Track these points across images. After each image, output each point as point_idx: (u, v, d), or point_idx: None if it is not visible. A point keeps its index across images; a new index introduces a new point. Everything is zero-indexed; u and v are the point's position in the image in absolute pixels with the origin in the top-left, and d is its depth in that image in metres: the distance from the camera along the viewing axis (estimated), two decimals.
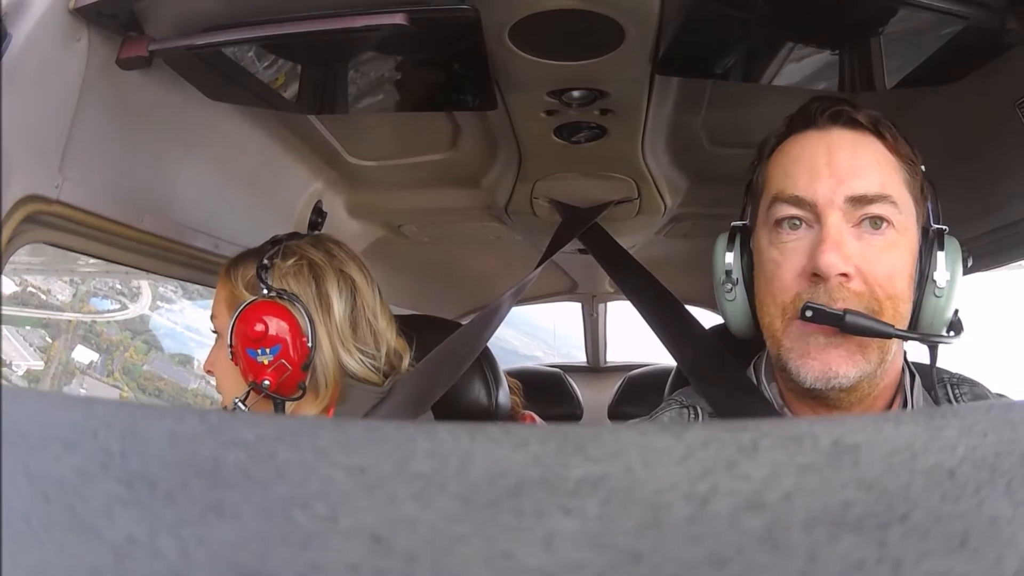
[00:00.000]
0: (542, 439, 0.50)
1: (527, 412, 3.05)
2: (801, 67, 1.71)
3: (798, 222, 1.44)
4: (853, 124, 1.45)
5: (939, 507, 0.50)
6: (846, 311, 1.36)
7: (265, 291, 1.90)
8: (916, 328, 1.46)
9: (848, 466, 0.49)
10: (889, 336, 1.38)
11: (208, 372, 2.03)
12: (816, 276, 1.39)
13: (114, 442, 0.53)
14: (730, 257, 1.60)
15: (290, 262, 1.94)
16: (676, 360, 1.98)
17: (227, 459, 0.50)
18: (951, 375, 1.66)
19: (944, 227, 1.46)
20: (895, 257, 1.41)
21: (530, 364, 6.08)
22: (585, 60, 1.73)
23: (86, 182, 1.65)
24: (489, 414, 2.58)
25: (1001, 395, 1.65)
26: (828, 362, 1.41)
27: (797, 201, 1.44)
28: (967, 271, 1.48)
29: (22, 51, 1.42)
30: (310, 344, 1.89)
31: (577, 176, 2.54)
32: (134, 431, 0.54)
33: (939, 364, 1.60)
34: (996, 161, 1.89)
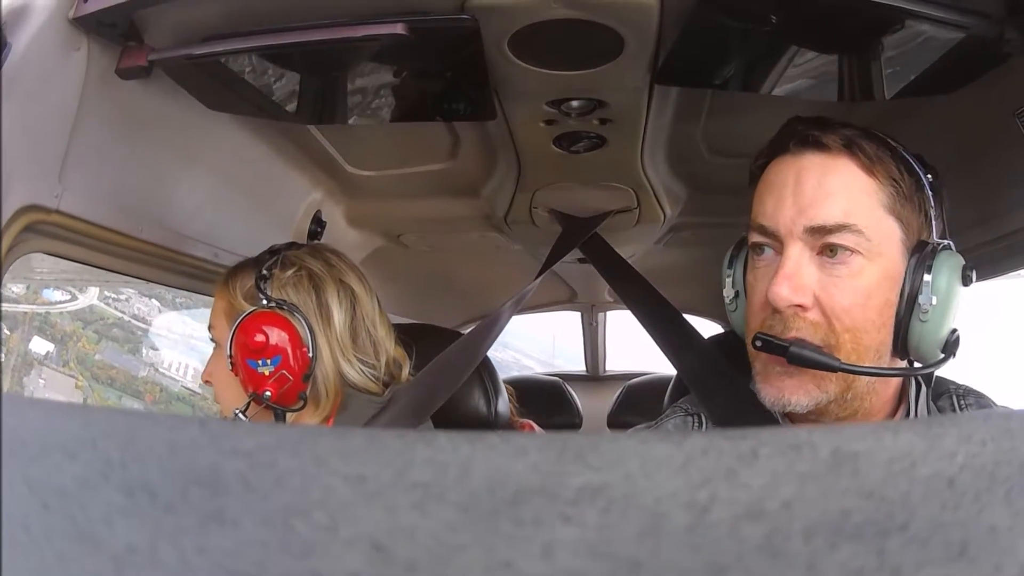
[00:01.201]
0: (541, 447, 0.50)
1: (525, 420, 3.05)
2: (800, 77, 1.71)
3: (768, 249, 1.47)
4: (823, 148, 1.44)
5: (938, 516, 0.50)
6: (791, 343, 1.39)
7: (264, 301, 1.89)
8: (905, 352, 1.46)
9: (847, 475, 0.49)
10: (832, 370, 1.40)
11: (206, 382, 2.03)
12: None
13: (114, 451, 0.53)
14: (731, 270, 1.62)
15: (289, 272, 1.94)
16: (677, 369, 1.99)
17: (227, 468, 0.50)
18: (957, 386, 1.66)
19: (941, 242, 1.45)
20: (858, 286, 1.40)
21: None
22: (584, 70, 1.73)
23: (85, 192, 1.65)
24: (488, 423, 2.59)
25: (1006, 408, 1.65)
26: (782, 389, 1.45)
27: (762, 230, 1.46)
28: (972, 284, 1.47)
29: (22, 60, 1.43)
30: (311, 354, 1.89)
31: (576, 186, 2.54)
32: (134, 440, 0.54)
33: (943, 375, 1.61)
34: (995, 171, 1.89)
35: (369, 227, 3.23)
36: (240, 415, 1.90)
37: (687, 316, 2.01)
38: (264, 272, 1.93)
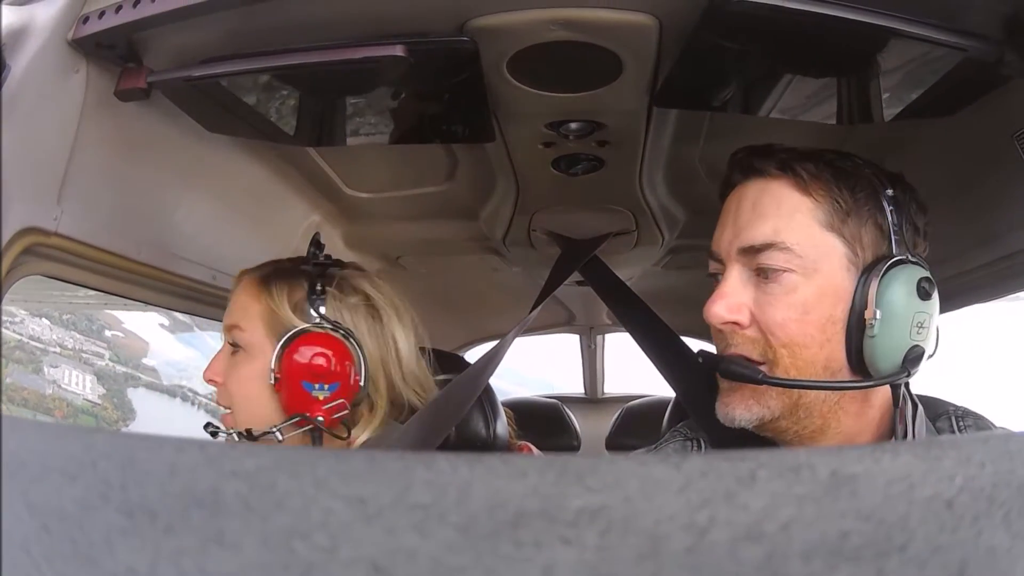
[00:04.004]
0: (541, 469, 0.50)
1: (524, 443, 3.03)
2: (799, 99, 1.72)
3: (719, 274, 1.52)
4: (762, 173, 1.48)
5: (937, 537, 0.50)
6: (723, 358, 1.47)
7: (319, 321, 1.86)
8: (863, 368, 1.43)
9: (846, 496, 0.49)
10: (757, 383, 1.43)
11: (212, 382, 1.95)
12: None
13: (114, 473, 0.53)
14: None
15: (353, 299, 1.90)
16: (675, 392, 2.00)
17: (227, 489, 0.50)
18: (956, 408, 1.65)
19: (899, 256, 1.43)
20: (793, 302, 1.42)
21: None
22: (583, 92, 1.73)
23: (84, 214, 1.65)
24: (487, 445, 2.58)
25: (1005, 430, 1.65)
26: (727, 404, 1.49)
27: (711, 255, 1.54)
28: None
29: (20, 82, 1.42)
30: (362, 383, 1.86)
31: (575, 208, 2.54)
32: (134, 462, 0.54)
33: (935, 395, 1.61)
34: (994, 193, 1.89)
35: (367, 250, 3.23)
36: (276, 434, 1.85)
37: (687, 339, 2.01)
38: (319, 288, 1.89)
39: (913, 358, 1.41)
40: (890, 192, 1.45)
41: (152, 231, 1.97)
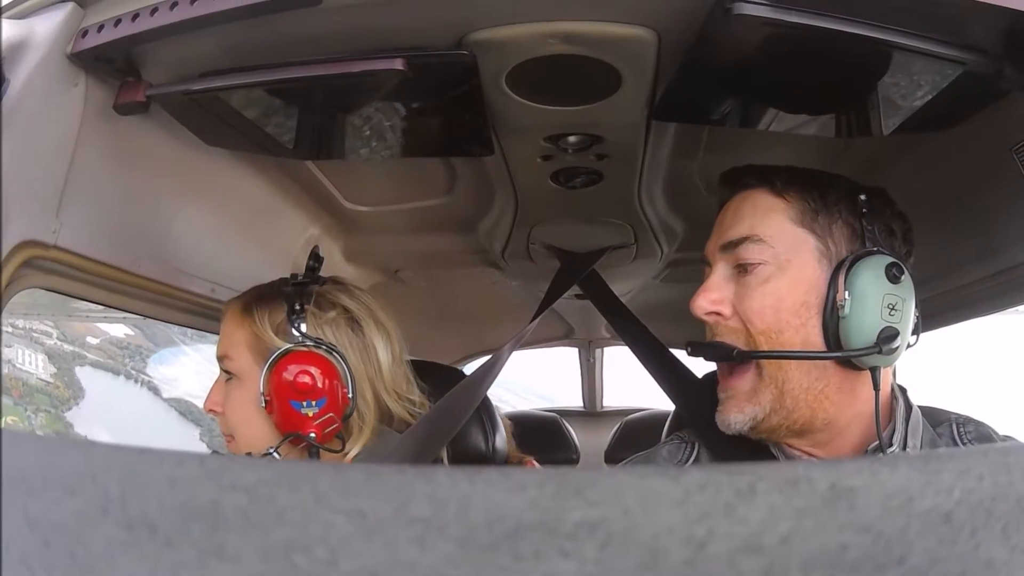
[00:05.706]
0: (540, 482, 0.50)
1: (528, 457, 3.03)
2: (798, 113, 1.73)
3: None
4: (746, 185, 1.64)
5: (935, 550, 0.50)
6: (704, 344, 1.61)
7: (301, 339, 1.87)
8: (840, 349, 1.49)
9: (845, 509, 0.49)
10: (732, 359, 1.55)
11: (212, 412, 1.98)
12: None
13: (114, 486, 0.53)
14: None
15: (331, 314, 1.92)
16: (674, 404, 2.02)
17: (227, 503, 0.50)
18: (957, 416, 1.68)
19: (874, 249, 1.49)
20: (768, 291, 1.52)
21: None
22: (582, 105, 1.73)
23: (83, 227, 1.64)
24: (486, 459, 2.57)
25: (1008, 437, 1.66)
26: (722, 411, 1.60)
27: (703, 260, 1.69)
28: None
29: (20, 96, 1.42)
30: (351, 395, 1.87)
31: (574, 221, 2.54)
32: (134, 475, 0.54)
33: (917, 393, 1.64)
34: (993, 206, 1.88)
35: (366, 263, 3.23)
36: (274, 453, 1.87)
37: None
38: (298, 308, 1.90)
39: (886, 337, 1.46)
40: (863, 197, 1.54)
41: (151, 244, 1.97)
